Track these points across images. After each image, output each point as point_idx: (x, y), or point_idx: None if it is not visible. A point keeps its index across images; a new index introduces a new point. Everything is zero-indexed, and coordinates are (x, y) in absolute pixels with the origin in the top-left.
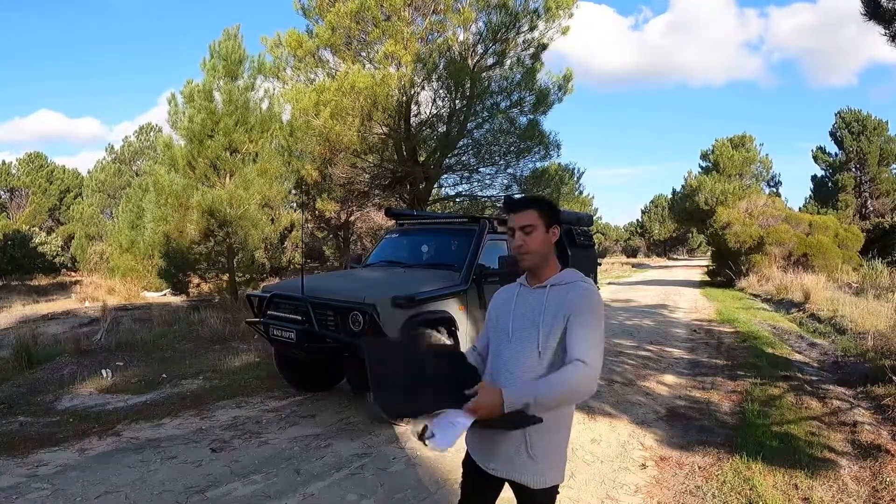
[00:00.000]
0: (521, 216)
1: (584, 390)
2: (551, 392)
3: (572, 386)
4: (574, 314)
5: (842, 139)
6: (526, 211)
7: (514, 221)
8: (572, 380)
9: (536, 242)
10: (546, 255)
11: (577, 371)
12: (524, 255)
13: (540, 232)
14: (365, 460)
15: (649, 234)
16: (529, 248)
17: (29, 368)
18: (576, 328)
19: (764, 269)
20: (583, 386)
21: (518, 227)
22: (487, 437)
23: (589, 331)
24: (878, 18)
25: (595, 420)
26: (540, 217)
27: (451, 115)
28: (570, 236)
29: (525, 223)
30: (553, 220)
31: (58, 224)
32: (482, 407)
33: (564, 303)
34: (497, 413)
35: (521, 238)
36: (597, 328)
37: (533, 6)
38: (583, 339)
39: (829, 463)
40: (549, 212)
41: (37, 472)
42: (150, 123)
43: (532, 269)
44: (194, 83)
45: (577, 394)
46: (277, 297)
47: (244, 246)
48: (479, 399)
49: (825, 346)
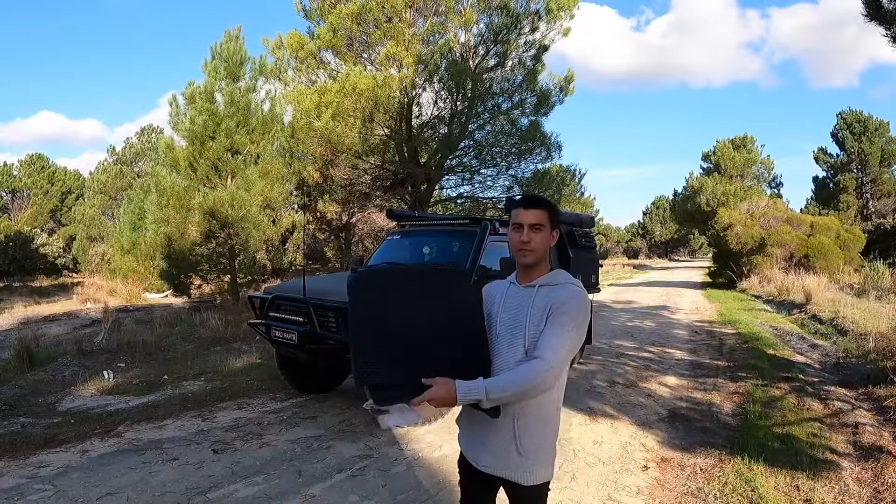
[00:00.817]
0: (532, 213)
1: (539, 387)
2: (503, 390)
3: (526, 383)
4: (556, 312)
5: (843, 140)
6: (538, 209)
7: (525, 217)
8: (526, 377)
9: (541, 242)
10: (544, 256)
11: (532, 369)
12: (528, 252)
13: (545, 233)
14: (366, 462)
15: (650, 236)
16: (535, 246)
17: (30, 370)
18: (550, 327)
19: (765, 271)
20: (538, 383)
21: (528, 224)
22: (478, 434)
23: (562, 332)
24: (879, 19)
25: (596, 421)
26: (549, 219)
27: (452, 117)
28: (572, 238)
29: (536, 221)
30: (555, 224)
31: (59, 225)
32: (435, 398)
33: (550, 301)
34: (451, 404)
35: (529, 234)
36: (572, 329)
37: (534, 8)
38: (552, 339)
39: (830, 464)
40: (555, 216)
41: (38, 474)
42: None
43: (528, 267)
44: (196, 84)
45: (531, 390)
46: (279, 298)
47: (245, 247)
48: (433, 390)
49: (826, 348)
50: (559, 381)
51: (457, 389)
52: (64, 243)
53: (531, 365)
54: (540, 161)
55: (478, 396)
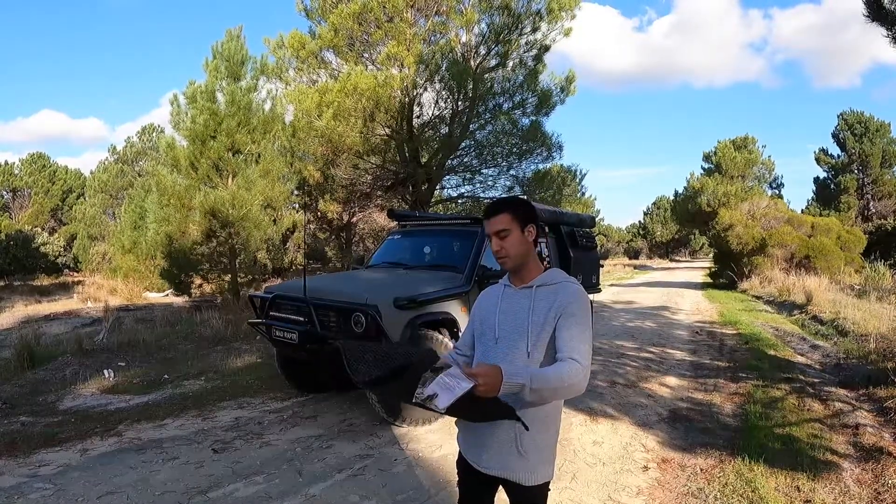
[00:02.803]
0: (494, 221)
1: (576, 387)
2: (547, 381)
3: (566, 381)
4: (565, 314)
5: (844, 141)
6: (498, 216)
7: (489, 227)
8: (567, 375)
9: (512, 245)
10: (525, 256)
11: (573, 368)
12: (503, 259)
13: (515, 234)
14: (367, 461)
15: (651, 236)
16: (507, 252)
17: (31, 368)
18: (567, 328)
19: (766, 271)
20: (576, 383)
21: (493, 233)
22: (478, 435)
23: (580, 330)
24: (880, 20)
25: (597, 422)
26: (513, 219)
27: (453, 117)
28: (573, 238)
29: (499, 228)
30: (528, 220)
31: (60, 224)
32: (483, 374)
33: (554, 303)
34: (495, 387)
35: (498, 243)
36: (587, 327)
37: (535, 8)
38: (575, 339)
39: (831, 465)
40: (522, 212)
41: (38, 473)
42: (153, 124)
43: (514, 271)
44: (197, 84)
45: (569, 389)
46: (280, 298)
47: (246, 247)
48: (481, 368)
49: (827, 349)
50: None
51: (504, 373)
52: (65, 242)
53: (570, 365)
54: (541, 161)
55: (522, 381)
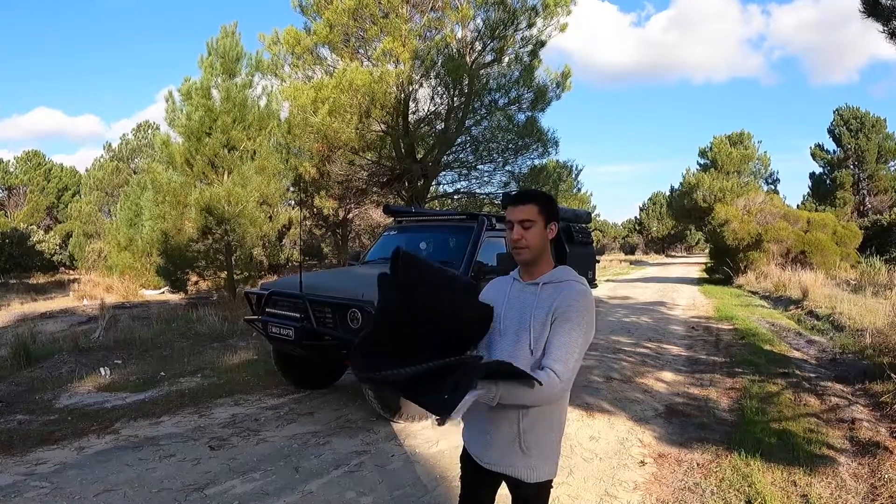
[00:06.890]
0: (520, 210)
1: (545, 401)
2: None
3: (536, 398)
4: (561, 317)
5: (840, 136)
6: (526, 205)
7: (514, 215)
8: (536, 393)
9: (534, 237)
10: (542, 251)
11: (547, 384)
12: (521, 249)
13: (538, 227)
14: (364, 458)
15: (647, 232)
16: (527, 243)
17: (27, 366)
18: (559, 333)
19: (762, 267)
20: (546, 397)
21: (517, 221)
22: (482, 430)
23: (572, 337)
24: (876, 15)
25: (593, 417)
26: (540, 212)
27: (449, 113)
28: (569, 233)
29: (524, 217)
30: (552, 217)
31: (56, 222)
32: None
33: (555, 301)
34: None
35: (519, 232)
36: (580, 333)
37: (531, 3)
38: (563, 346)
39: (827, 460)
40: (548, 208)
41: (35, 471)
42: (148, 121)
43: (527, 264)
44: (192, 81)
45: (539, 401)
46: (276, 294)
47: (242, 243)
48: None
49: (823, 343)
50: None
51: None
52: (60, 240)
53: (547, 378)
54: (537, 157)
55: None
